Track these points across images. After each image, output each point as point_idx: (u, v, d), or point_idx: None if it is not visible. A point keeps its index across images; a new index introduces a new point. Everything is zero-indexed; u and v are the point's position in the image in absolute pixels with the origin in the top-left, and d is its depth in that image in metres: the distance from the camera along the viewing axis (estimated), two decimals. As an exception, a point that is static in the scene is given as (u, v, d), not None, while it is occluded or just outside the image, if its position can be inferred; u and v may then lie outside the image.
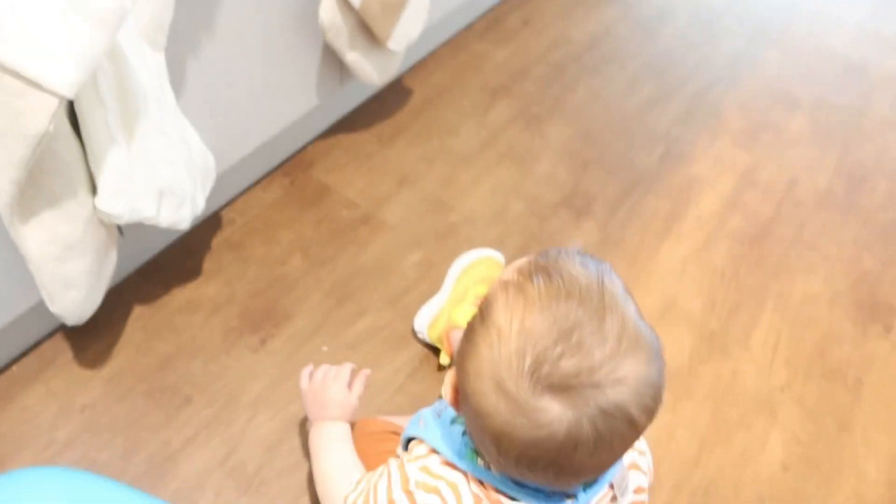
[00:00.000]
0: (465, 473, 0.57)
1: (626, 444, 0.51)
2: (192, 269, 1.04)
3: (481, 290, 0.94)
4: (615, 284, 0.50)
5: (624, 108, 1.37)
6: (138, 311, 0.98)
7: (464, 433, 0.59)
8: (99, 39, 0.58)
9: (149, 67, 0.73)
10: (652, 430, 0.92)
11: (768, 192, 1.26)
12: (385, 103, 1.31)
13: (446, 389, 0.58)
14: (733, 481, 0.91)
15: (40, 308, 0.83)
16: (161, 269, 1.03)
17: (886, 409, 1.01)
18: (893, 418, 1.00)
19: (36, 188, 0.66)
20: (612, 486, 0.59)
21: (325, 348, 0.97)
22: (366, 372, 0.78)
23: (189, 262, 1.04)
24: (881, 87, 1.51)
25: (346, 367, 0.77)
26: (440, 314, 0.94)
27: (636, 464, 0.62)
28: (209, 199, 1.05)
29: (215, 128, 0.93)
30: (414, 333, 0.99)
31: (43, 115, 0.58)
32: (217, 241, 1.08)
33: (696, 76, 1.46)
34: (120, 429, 0.87)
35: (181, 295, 1.01)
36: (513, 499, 0.55)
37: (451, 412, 0.62)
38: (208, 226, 1.09)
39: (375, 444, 0.75)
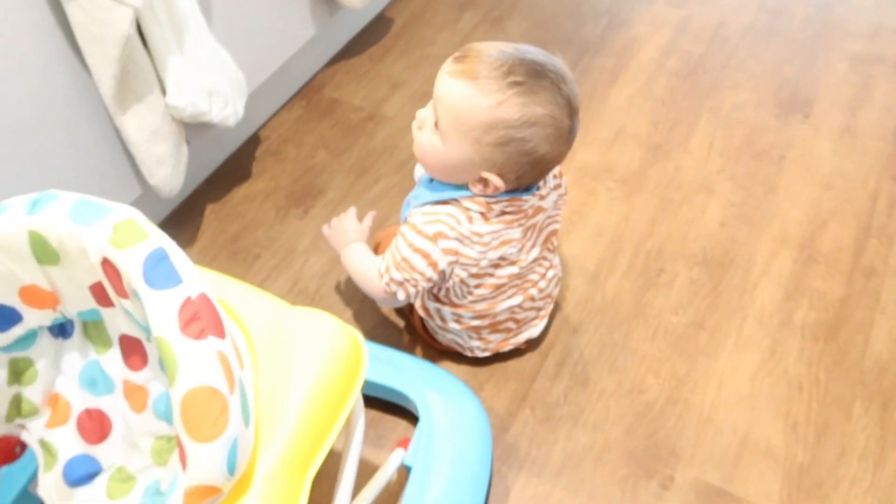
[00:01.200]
0: (455, 199, 0.85)
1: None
2: (244, 174, 1.34)
3: None
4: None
5: (568, -2, 1.63)
6: (210, 208, 1.30)
7: (442, 184, 0.87)
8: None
9: (185, 3, 1.04)
10: (609, 218, 1.22)
11: (699, 35, 1.50)
12: (373, 32, 1.60)
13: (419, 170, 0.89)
14: (680, 240, 1.16)
15: (141, 204, 1.15)
16: (221, 178, 1.34)
17: (806, 172, 1.24)
18: (812, 176, 1.23)
19: (126, 86, 0.97)
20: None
21: (353, 208, 1.27)
22: (372, 213, 1.05)
23: (241, 170, 1.35)
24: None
25: (351, 209, 1.06)
26: None
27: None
28: (249, 121, 1.36)
29: (238, 54, 1.24)
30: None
31: (125, 21, 0.89)
32: (259, 152, 1.38)
33: None
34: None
35: (239, 192, 1.32)
36: (493, 197, 0.84)
37: (426, 177, 0.90)
38: (251, 143, 1.40)
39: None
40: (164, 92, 1.04)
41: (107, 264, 0.54)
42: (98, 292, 0.60)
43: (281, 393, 0.59)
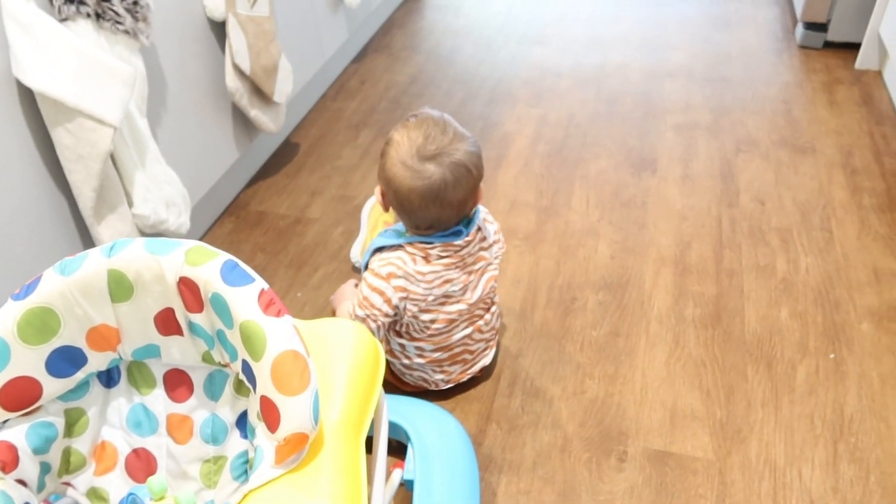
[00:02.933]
0: (401, 245, 1.04)
1: (470, 184, 1.01)
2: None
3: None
4: (451, 119, 1.03)
5: (448, 109, 1.94)
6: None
7: (395, 231, 1.06)
8: (126, 93, 1.06)
9: (142, 127, 1.20)
10: (522, 267, 1.45)
11: (557, 125, 1.84)
12: (284, 154, 1.80)
13: (366, 211, 1.09)
14: (583, 274, 1.41)
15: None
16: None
17: (665, 209, 1.55)
18: (670, 212, 1.54)
19: (102, 199, 1.10)
20: (479, 229, 1.08)
21: (299, 294, 1.41)
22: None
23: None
24: (612, 46, 2.18)
25: (350, 280, 1.26)
26: (364, 243, 1.41)
27: (487, 219, 1.11)
28: (187, 236, 1.49)
29: (179, 174, 1.39)
30: (353, 265, 1.44)
31: (107, 139, 1.03)
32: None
33: (489, 77, 2.07)
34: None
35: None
36: (429, 243, 1.03)
37: (385, 230, 1.09)
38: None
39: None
40: (130, 203, 1.17)
41: (183, 283, 0.67)
42: (163, 320, 0.72)
43: (326, 373, 0.72)
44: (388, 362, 1.17)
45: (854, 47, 2.03)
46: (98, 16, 1.05)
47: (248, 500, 0.61)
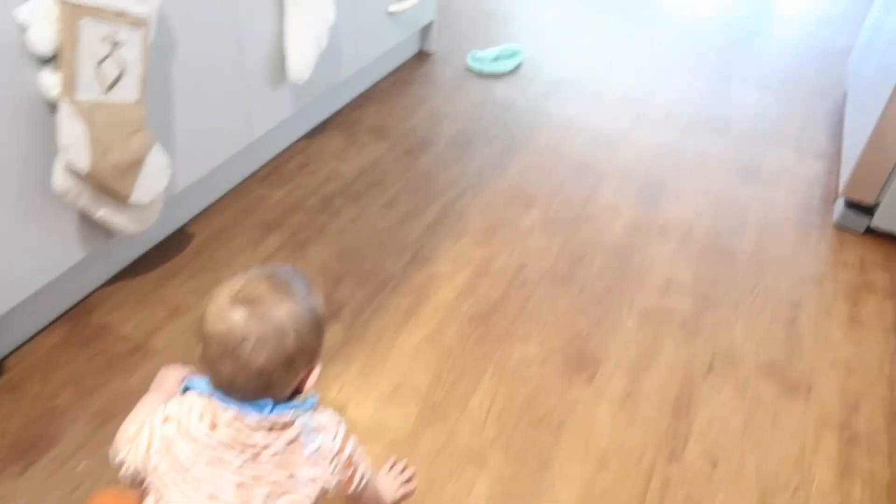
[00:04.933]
0: (206, 396, 0.78)
1: (280, 353, 0.76)
2: (-32, 414, 1.17)
3: None
4: (299, 278, 0.82)
5: (380, 225, 1.61)
6: (-89, 459, 1.10)
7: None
8: None
9: None
10: None
11: (499, 277, 1.49)
12: (168, 248, 1.51)
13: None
14: (439, 525, 1.06)
15: None
16: (-62, 418, 1.16)
17: (584, 443, 1.18)
18: (589, 449, 1.17)
19: None
20: (291, 426, 0.79)
21: (82, 463, 1.10)
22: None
23: (-34, 409, 1.18)
24: (606, 179, 1.80)
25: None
26: None
27: (323, 428, 0.83)
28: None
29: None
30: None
31: None
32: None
33: (447, 190, 1.73)
34: None
35: (-46, 439, 1.13)
36: (224, 406, 0.77)
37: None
38: (-13, 375, 1.23)
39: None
40: None
41: None
42: None
43: None
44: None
45: (905, 243, 1.62)
46: None
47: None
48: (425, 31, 2.33)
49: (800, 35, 2.67)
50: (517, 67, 2.30)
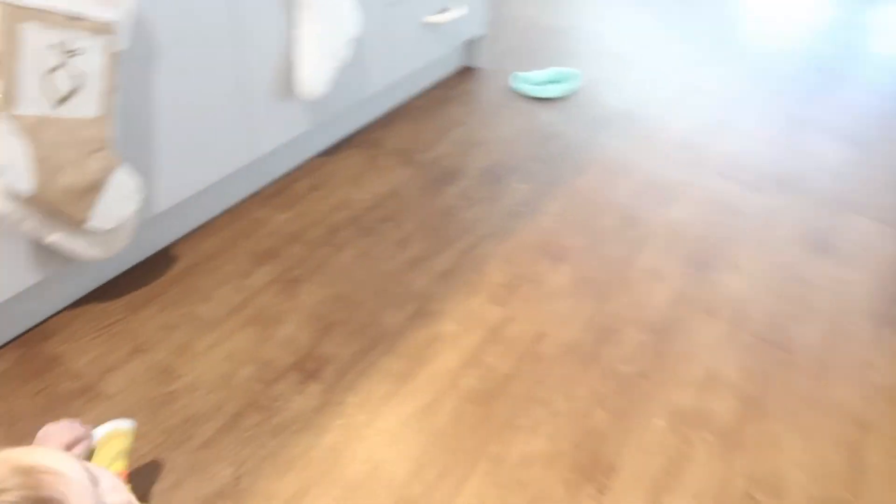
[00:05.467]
0: None
1: None
2: None
3: (119, 466, 0.94)
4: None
5: (386, 267, 1.42)
6: None
7: None
8: None
9: None
10: None
11: (512, 347, 1.28)
12: (145, 272, 1.35)
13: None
14: None
15: None
16: None
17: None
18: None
19: None
20: None
21: None
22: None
23: None
24: (652, 237, 1.57)
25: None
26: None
27: None
28: None
29: None
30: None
31: None
32: (-78, 419, 1.08)
33: (468, 232, 1.52)
34: None
35: None
36: None
37: None
38: (-83, 404, 1.10)
39: None
40: None
41: None
42: None
43: None
44: None
45: None
46: None
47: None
48: (472, 45, 2.13)
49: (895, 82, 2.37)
50: (569, 93, 2.08)
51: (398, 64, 1.75)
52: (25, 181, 0.96)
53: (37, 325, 1.23)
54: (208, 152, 1.33)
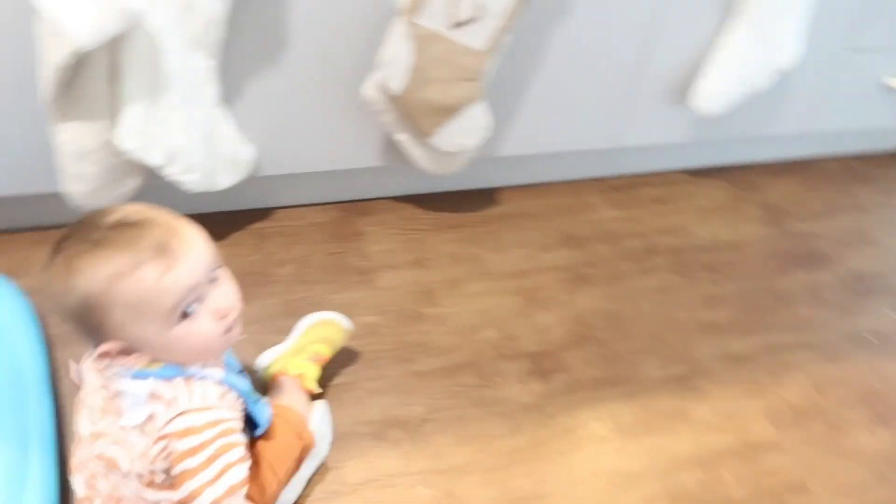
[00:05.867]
0: None
1: None
2: (223, 234, 1.28)
3: (319, 349, 1.02)
4: None
5: (679, 316, 1.27)
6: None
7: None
8: (114, 24, 0.85)
9: (190, 65, 0.99)
10: None
11: (758, 479, 1.06)
12: (464, 200, 1.42)
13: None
14: None
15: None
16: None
17: None
18: None
19: (71, 102, 0.95)
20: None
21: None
22: None
23: (222, 228, 1.29)
24: None
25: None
26: (279, 359, 1.03)
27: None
28: (266, 188, 1.29)
29: (265, 139, 1.17)
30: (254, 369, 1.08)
31: (62, 53, 0.86)
32: (255, 227, 1.31)
33: (792, 331, 1.28)
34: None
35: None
36: None
37: None
38: (253, 215, 1.33)
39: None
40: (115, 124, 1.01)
41: None
42: None
43: None
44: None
45: None
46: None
47: None
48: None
49: None
50: None
51: (826, 116, 1.49)
52: (397, 81, 1.06)
53: (361, 200, 1.39)
54: (570, 121, 1.31)
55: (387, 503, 0.95)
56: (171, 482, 0.74)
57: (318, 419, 1.00)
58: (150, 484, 0.75)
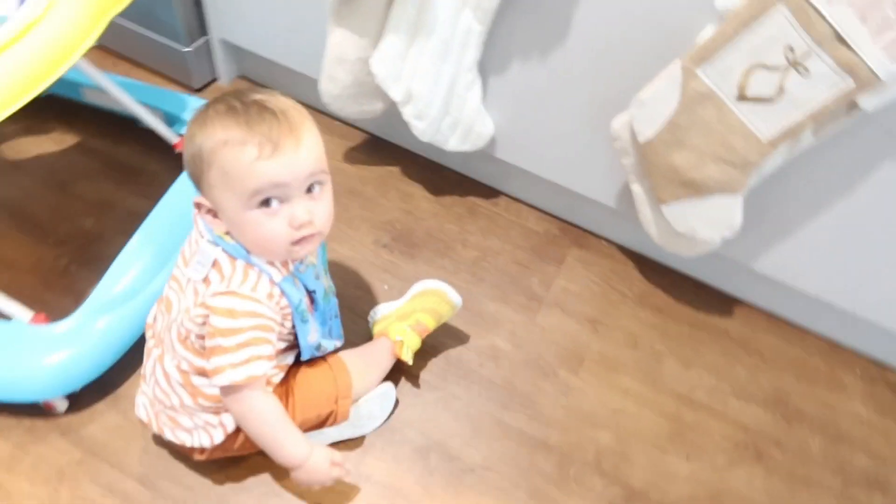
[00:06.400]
0: None
1: None
2: (441, 191, 1.28)
3: (424, 319, 0.98)
4: None
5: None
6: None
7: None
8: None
9: (457, 21, 0.96)
10: None
11: None
12: (689, 289, 1.20)
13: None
14: None
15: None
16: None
17: None
18: None
19: (349, 13, 1.00)
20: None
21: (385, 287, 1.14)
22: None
23: (445, 185, 1.28)
24: None
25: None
26: (386, 317, 1.00)
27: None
28: (500, 169, 1.25)
29: (507, 123, 1.11)
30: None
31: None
32: (471, 199, 1.28)
33: None
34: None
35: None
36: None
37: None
38: (477, 188, 1.29)
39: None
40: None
41: None
42: None
43: None
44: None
45: None
46: None
47: None
48: None
49: None
50: None
51: None
52: (648, 128, 0.90)
53: (584, 230, 1.26)
54: (855, 272, 1.00)
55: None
56: (201, 348, 0.79)
57: (378, 399, 0.96)
58: (184, 340, 0.80)
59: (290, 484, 0.90)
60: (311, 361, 0.90)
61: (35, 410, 0.93)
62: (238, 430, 0.84)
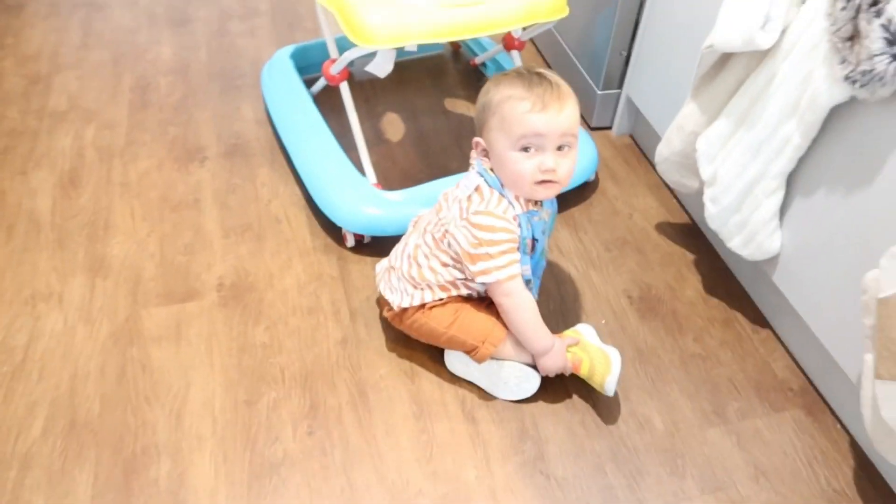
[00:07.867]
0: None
1: None
2: (710, 285, 1.30)
3: (584, 364, 1.07)
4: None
5: None
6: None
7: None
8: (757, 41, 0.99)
9: (778, 130, 1.01)
10: None
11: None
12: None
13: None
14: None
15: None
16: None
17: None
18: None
19: (705, 86, 1.14)
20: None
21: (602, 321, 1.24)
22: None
23: (715, 274, 1.30)
24: None
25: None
26: (581, 334, 1.13)
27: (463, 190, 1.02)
28: (769, 289, 1.23)
29: (794, 250, 1.10)
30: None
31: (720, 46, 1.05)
32: (735, 316, 1.26)
33: None
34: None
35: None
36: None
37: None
38: (741, 298, 1.27)
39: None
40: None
41: None
42: None
43: None
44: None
45: None
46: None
47: None
48: None
49: None
50: None
51: None
52: (892, 285, 0.82)
53: (821, 396, 1.13)
54: None
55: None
56: (447, 246, 1.04)
57: (519, 375, 1.09)
58: (438, 240, 1.06)
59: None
60: (492, 304, 1.08)
61: (335, 236, 1.33)
62: (409, 310, 1.08)
